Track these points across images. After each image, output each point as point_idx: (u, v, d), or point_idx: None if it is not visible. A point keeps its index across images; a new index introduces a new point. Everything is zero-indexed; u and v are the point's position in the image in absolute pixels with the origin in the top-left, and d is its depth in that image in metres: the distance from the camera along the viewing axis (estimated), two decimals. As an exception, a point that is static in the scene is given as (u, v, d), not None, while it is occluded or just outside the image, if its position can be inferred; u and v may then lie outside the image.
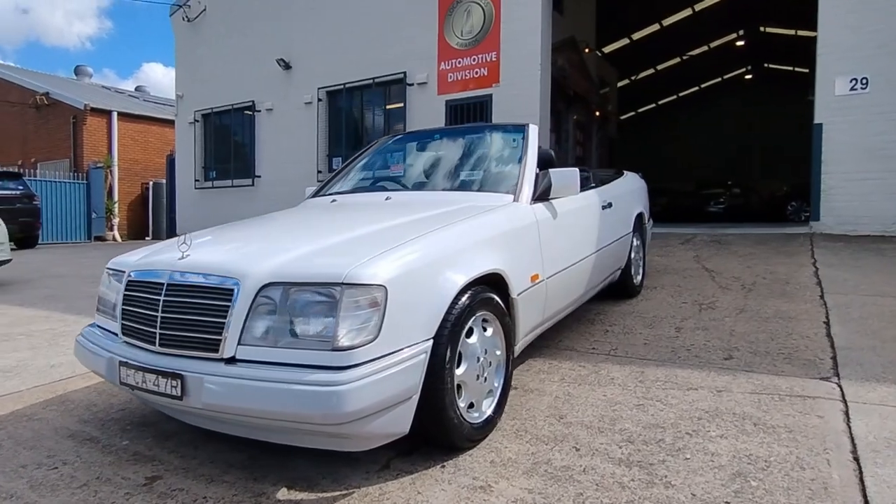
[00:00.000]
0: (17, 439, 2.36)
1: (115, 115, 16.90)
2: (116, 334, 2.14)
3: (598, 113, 14.66)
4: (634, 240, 4.47)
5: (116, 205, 15.77)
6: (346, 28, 10.82)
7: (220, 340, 1.79)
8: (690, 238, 7.50)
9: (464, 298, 2.04)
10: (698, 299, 4.30)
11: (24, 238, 11.15)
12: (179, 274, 1.97)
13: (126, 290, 2.13)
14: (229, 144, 12.97)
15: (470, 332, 2.11)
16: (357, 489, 1.87)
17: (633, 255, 4.37)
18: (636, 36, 20.49)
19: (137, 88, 25.93)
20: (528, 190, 2.76)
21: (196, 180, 13.33)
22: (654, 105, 29.50)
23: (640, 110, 29.31)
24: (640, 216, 4.55)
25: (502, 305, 2.27)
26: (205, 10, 12.84)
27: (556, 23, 10.44)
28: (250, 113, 12.30)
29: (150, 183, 17.26)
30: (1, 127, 18.81)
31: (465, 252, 2.13)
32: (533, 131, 3.13)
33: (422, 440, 2.09)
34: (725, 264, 5.55)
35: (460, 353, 2.05)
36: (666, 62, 24.56)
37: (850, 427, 2.17)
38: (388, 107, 10.76)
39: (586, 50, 13.51)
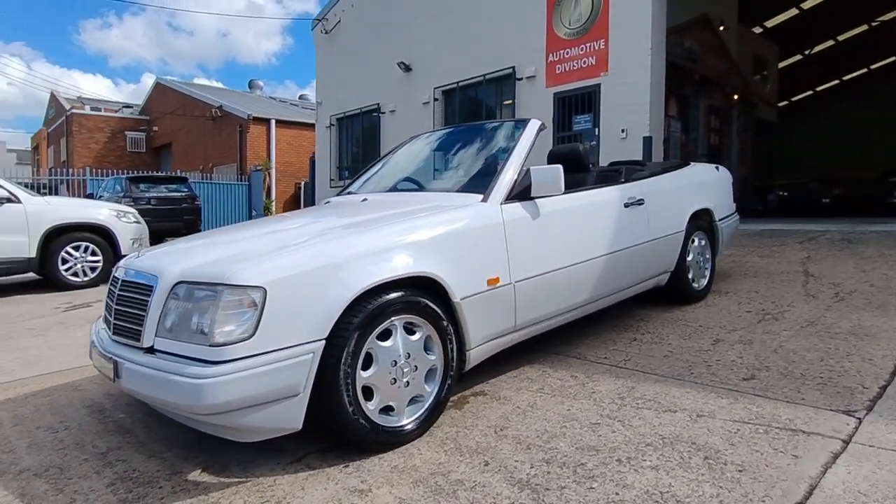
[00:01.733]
0: (53, 405, 2.82)
1: (272, 122, 18.89)
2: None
3: (736, 96, 13.17)
4: (696, 239, 4.03)
5: (273, 203, 17.61)
6: (459, 28, 10.98)
7: (140, 331, 2.01)
8: (816, 236, 6.52)
9: (380, 300, 2.05)
10: (767, 308, 3.76)
11: (187, 233, 12.98)
12: (131, 272, 2.23)
13: (110, 284, 2.45)
14: (359, 146, 13.85)
15: (387, 335, 2.11)
16: (254, 478, 1.97)
17: (690, 257, 3.94)
18: (806, 5, 18.05)
19: (301, 97, 28.65)
20: (501, 190, 2.65)
21: (331, 179, 14.44)
22: (837, 81, 25.69)
23: (818, 89, 25.72)
24: (703, 213, 4.07)
25: (436, 309, 2.22)
26: (339, 22, 13.83)
27: (682, 1, 9.62)
28: (376, 115, 13.01)
29: (303, 182, 19.07)
30: (188, 137, 22.02)
31: (384, 254, 2.12)
32: (530, 129, 2.98)
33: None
34: (835, 268, 4.76)
35: (370, 356, 2.06)
36: (849, 31, 21.27)
37: (824, 473, 1.80)
38: (504, 102, 10.72)
39: (721, 27, 12.21)
